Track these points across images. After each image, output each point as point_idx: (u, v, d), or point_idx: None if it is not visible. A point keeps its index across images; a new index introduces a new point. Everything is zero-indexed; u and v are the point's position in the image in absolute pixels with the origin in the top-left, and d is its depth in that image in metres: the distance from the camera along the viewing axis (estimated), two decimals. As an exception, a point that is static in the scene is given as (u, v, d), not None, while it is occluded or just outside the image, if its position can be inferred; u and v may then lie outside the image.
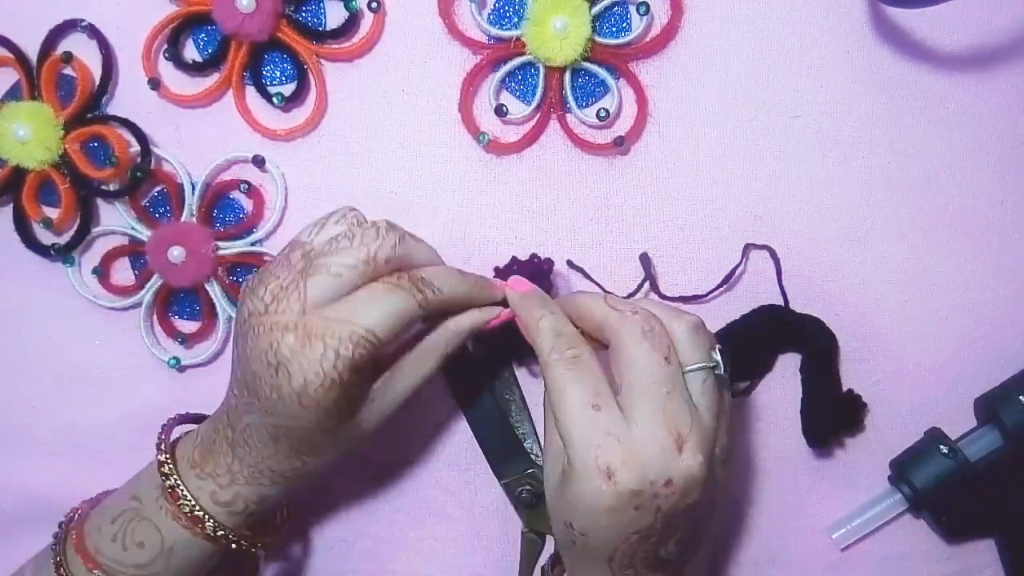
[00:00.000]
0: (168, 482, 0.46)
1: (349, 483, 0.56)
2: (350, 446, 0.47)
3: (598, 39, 0.52)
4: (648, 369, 0.42)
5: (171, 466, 0.47)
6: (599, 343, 0.45)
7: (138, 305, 0.56)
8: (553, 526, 0.45)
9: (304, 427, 0.44)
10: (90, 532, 0.48)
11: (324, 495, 0.56)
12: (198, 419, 0.51)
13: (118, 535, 0.47)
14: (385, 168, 0.55)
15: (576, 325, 0.46)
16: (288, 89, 0.54)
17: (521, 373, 0.54)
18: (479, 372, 0.50)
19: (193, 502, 0.46)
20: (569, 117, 0.53)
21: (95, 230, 0.56)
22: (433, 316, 0.46)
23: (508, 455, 0.53)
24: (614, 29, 0.53)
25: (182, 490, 0.46)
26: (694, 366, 0.43)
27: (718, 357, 0.44)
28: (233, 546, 0.47)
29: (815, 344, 0.52)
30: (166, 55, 0.55)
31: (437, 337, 0.47)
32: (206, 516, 0.46)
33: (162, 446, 0.48)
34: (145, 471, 0.49)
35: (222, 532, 0.47)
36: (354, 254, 0.43)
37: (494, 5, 0.53)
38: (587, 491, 0.41)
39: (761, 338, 0.53)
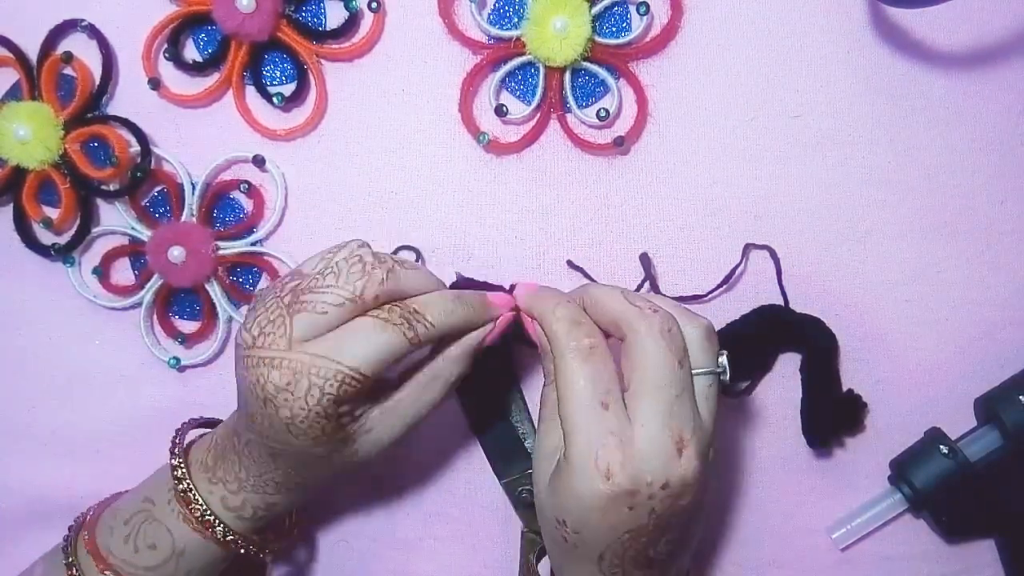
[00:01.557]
0: (180, 486, 0.47)
1: (349, 484, 0.56)
2: (349, 470, 0.47)
3: (598, 39, 0.52)
4: (662, 370, 0.41)
5: (184, 470, 0.47)
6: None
7: (138, 305, 0.56)
8: (541, 522, 0.45)
9: (299, 451, 0.44)
10: (102, 533, 0.48)
11: (324, 495, 0.56)
12: (211, 423, 0.51)
13: (130, 536, 0.47)
14: (385, 168, 0.55)
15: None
16: (288, 89, 0.54)
17: (520, 374, 0.54)
18: (480, 373, 0.50)
19: (204, 507, 0.46)
20: (569, 117, 0.53)
21: (95, 230, 0.56)
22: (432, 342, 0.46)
23: (508, 455, 0.53)
24: (614, 29, 0.53)
25: (194, 494, 0.46)
26: (703, 370, 0.43)
27: (725, 363, 0.44)
28: (242, 551, 0.48)
29: (815, 344, 0.52)
30: (166, 55, 0.55)
31: (440, 366, 0.46)
32: (216, 521, 0.46)
33: (175, 450, 0.48)
34: (157, 473, 0.50)
35: (232, 537, 0.47)
36: (339, 292, 0.43)
37: (494, 5, 0.53)
38: (583, 489, 0.40)
39: (761, 338, 0.53)
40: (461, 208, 0.55)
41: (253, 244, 0.55)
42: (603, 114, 0.52)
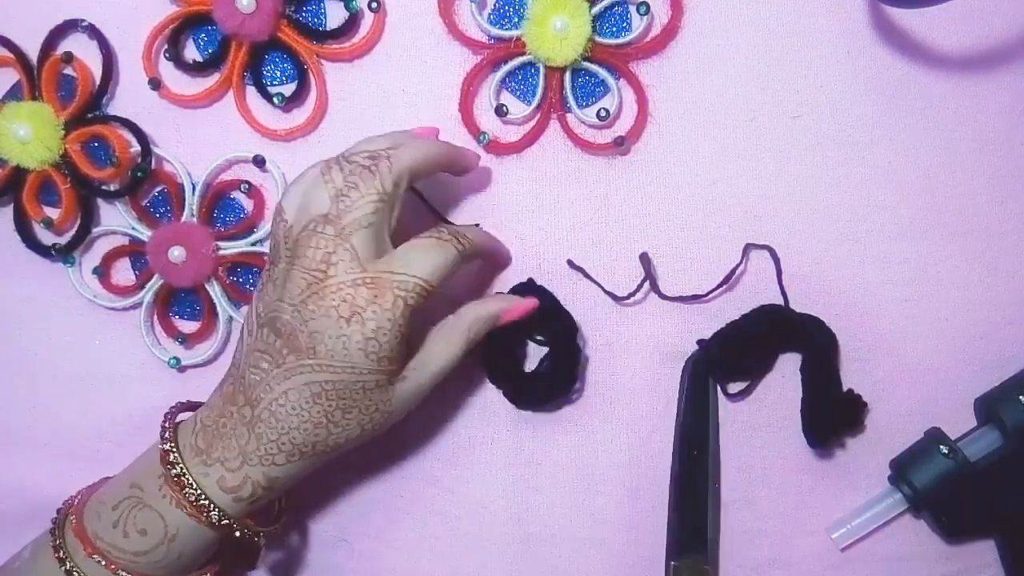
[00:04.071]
0: (174, 471, 0.47)
1: (349, 483, 0.56)
2: (381, 421, 0.48)
3: (598, 39, 0.52)
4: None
5: (177, 454, 0.47)
6: None
7: (138, 305, 0.56)
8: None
9: (356, 380, 0.46)
10: (89, 518, 0.48)
11: (325, 495, 0.56)
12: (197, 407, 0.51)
13: (119, 522, 0.47)
14: (385, 168, 0.55)
15: None
16: (288, 89, 0.54)
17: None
18: (703, 426, 0.52)
19: (198, 490, 0.46)
20: (569, 117, 0.53)
21: (95, 230, 0.56)
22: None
23: (691, 536, 0.52)
24: (614, 29, 0.53)
25: (187, 478, 0.46)
26: None
27: None
28: (236, 534, 0.47)
29: (815, 344, 0.52)
30: (166, 55, 0.55)
31: (460, 322, 0.49)
32: (211, 505, 0.46)
33: (166, 435, 0.48)
34: (143, 458, 0.50)
35: (226, 520, 0.47)
36: (370, 198, 0.46)
37: (494, 5, 0.54)
38: None
39: (761, 338, 0.53)
40: (461, 208, 0.55)
41: (253, 244, 0.55)
42: (603, 114, 0.52)
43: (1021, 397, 0.50)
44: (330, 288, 0.45)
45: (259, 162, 0.55)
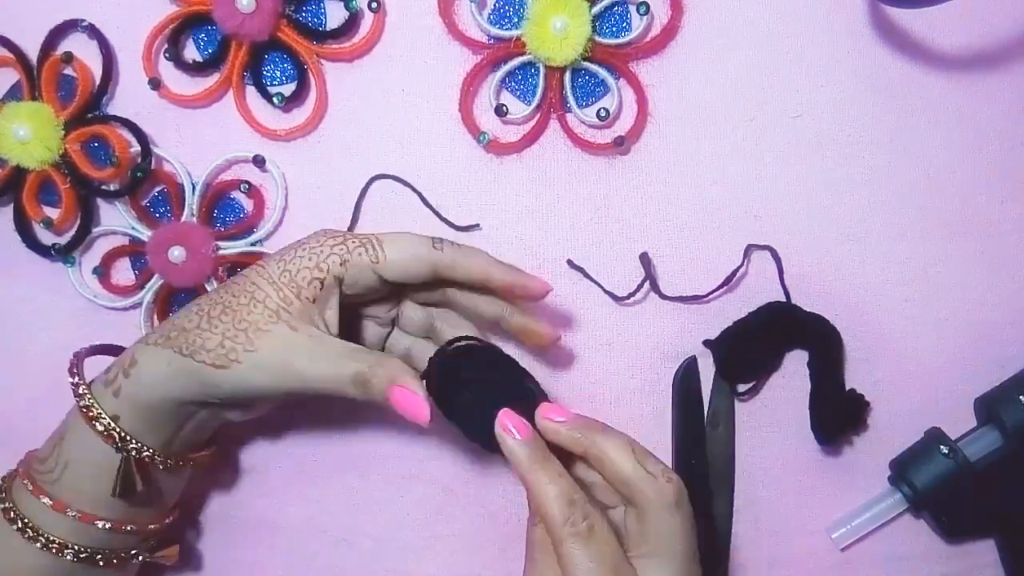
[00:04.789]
0: (73, 380, 0.47)
1: (350, 483, 0.56)
2: (232, 356, 0.45)
3: (598, 39, 0.52)
4: (676, 541, 0.42)
5: (79, 368, 0.48)
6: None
7: (138, 305, 0.56)
8: None
9: (256, 282, 0.46)
10: (37, 451, 0.49)
11: (325, 495, 0.56)
12: (110, 350, 0.52)
13: (50, 439, 0.48)
14: (385, 168, 0.55)
15: (586, 461, 0.44)
16: (288, 89, 0.54)
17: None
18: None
19: (86, 391, 0.46)
20: (569, 117, 0.53)
21: (95, 230, 0.56)
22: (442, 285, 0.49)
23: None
24: (614, 29, 0.53)
25: (82, 386, 0.47)
26: None
27: None
28: (101, 429, 0.46)
29: (824, 341, 0.52)
30: (166, 55, 0.55)
31: (368, 361, 0.45)
32: (89, 397, 0.46)
33: (73, 369, 0.48)
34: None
35: (96, 409, 0.46)
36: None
37: (494, 5, 0.54)
38: None
39: (769, 336, 0.53)
40: (461, 208, 0.55)
41: (253, 244, 0.55)
42: (603, 114, 0.52)
43: (1021, 397, 0.50)
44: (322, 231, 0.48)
45: (259, 162, 0.55)
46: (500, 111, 0.53)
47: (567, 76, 0.52)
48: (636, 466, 0.43)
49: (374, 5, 0.53)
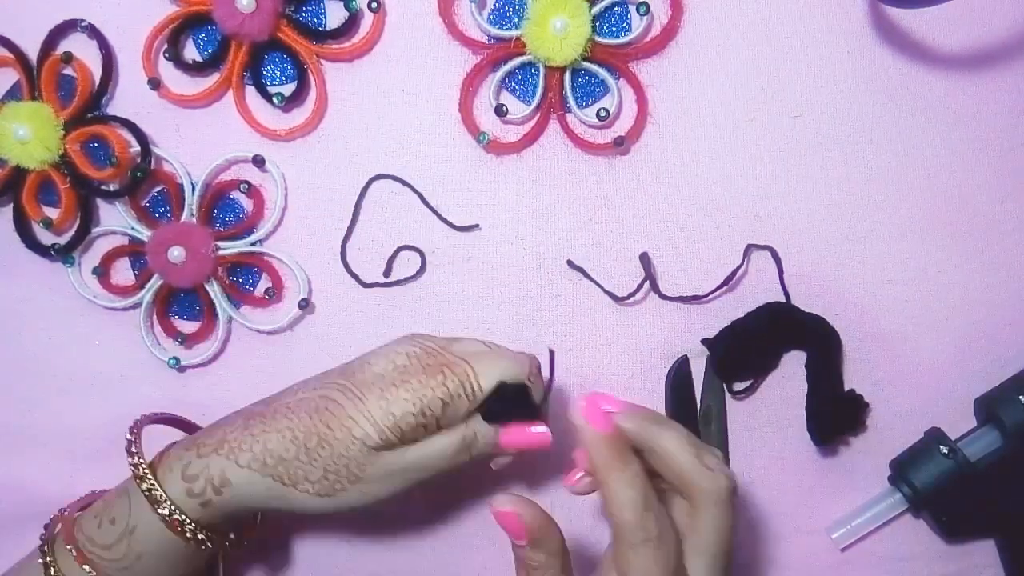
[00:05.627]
0: (132, 460, 0.47)
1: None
2: (343, 482, 0.45)
3: (598, 39, 0.52)
4: (726, 536, 0.42)
5: (138, 447, 0.47)
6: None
7: (138, 305, 0.56)
8: None
9: (359, 426, 0.45)
10: (80, 518, 0.48)
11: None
12: (179, 423, 0.52)
13: (100, 513, 0.47)
14: (385, 168, 0.55)
15: (640, 454, 0.43)
16: (288, 89, 0.54)
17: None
18: None
19: (152, 481, 0.46)
20: (569, 117, 0.53)
21: (95, 230, 0.56)
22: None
23: None
24: (614, 29, 0.53)
25: (145, 468, 0.46)
26: None
27: None
28: (188, 535, 0.46)
29: (822, 342, 0.52)
30: (166, 55, 0.55)
31: (469, 432, 0.47)
32: (164, 497, 0.45)
33: (132, 430, 0.48)
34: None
35: (178, 516, 0.45)
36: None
37: (494, 5, 0.54)
38: None
39: (768, 336, 0.53)
40: (461, 208, 0.55)
41: (253, 244, 0.55)
42: (603, 114, 0.52)
43: (1021, 397, 0.50)
44: (411, 340, 0.48)
45: (259, 162, 0.55)
46: (500, 111, 0.53)
47: (567, 76, 0.52)
48: (694, 460, 0.42)
49: (374, 5, 0.53)
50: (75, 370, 0.58)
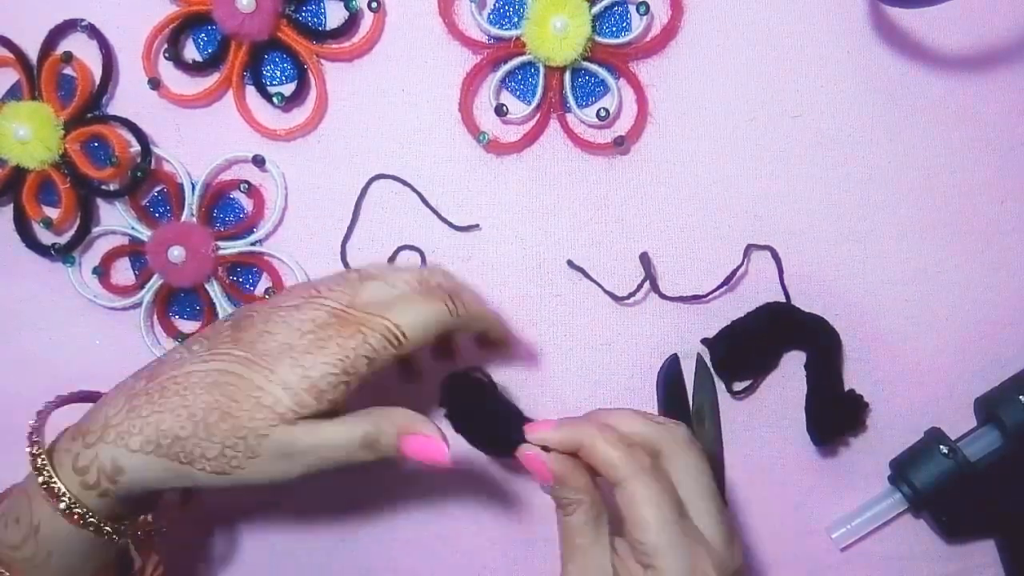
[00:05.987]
0: (32, 450, 0.45)
1: (350, 483, 0.56)
2: (241, 460, 0.43)
3: (598, 39, 0.52)
4: (706, 476, 0.44)
5: (39, 437, 0.45)
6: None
7: (138, 305, 0.56)
8: None
9: (269, 393, 0.43)
10: None
11: (324, 495, 0.56)
12: (87, 397, 0.50)
13: (5, 512, 0.45)
14: (385, 168, 0.55)
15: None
16: (288, 89, 0.54)
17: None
18: None
19: (50, 472, 0.44)
20: (569, 117, 0.53)
21: (95, 230, 0.56)
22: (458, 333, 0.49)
23: None
24: (614, 29, 0.53)
25: (43, 460, 0.44)
26: None
27: None
28: (91, 529, 0.44)
29: (821, 342, 0.52)
30: (166, 55, 0.55)
31: (377, 419, 0.45)
32: (60, 489, 0.43)
33: (36, 417, 0.46)
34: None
35: (79, 510, 0.43)
36: (409, 276, 0.48)
37: (494, 5, 0.54)
38: None
39: (768, 336, 0.53)
40: (461, 208, 0.55)
41: (253, 244, 0.55)
42: (603, 114, 0.52)
43: (1021, 397, 0.50)
44: (312, 305, 0.45)
45: (259, 162, 0.55)
46: (500, 111, 0.53)
47: (567, 76, 0.52)
48: (646, 421, 0.45)
49: (374, 5, 0.53)
50: (75, 370, 0.58)
